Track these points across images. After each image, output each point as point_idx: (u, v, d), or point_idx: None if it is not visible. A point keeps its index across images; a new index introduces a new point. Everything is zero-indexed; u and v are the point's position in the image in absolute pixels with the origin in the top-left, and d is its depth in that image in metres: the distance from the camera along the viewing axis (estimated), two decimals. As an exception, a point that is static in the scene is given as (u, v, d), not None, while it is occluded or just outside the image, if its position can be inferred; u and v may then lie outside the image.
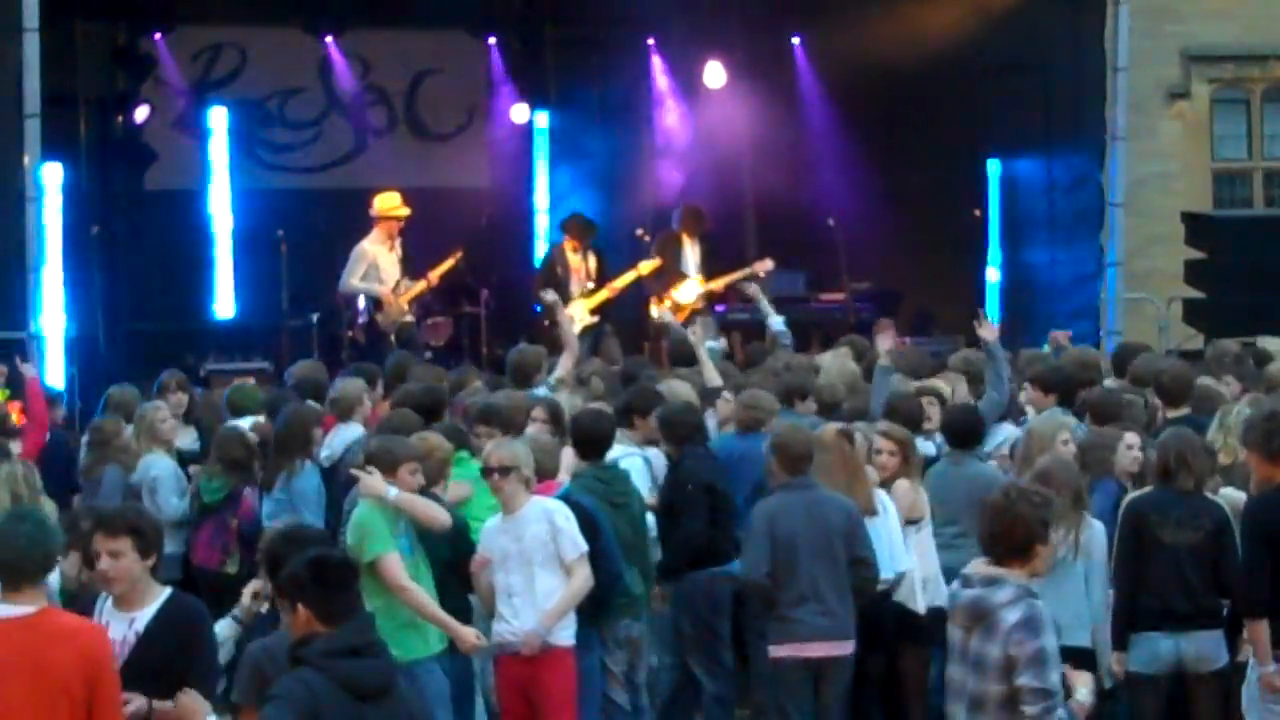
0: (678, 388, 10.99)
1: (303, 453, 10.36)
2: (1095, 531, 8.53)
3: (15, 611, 5.74)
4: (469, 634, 8.53)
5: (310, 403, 11.37)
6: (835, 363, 12.19)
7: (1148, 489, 8.73)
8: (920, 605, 9.29)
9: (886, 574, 9.10)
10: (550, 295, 14.78)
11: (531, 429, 10.02)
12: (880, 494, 9.28)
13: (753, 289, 14.91)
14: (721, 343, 15.07)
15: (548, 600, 8.55)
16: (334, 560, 5.89)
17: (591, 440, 9.49)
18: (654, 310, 16.92)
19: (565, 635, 8.64)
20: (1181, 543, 8.39)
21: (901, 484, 9.44)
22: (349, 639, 5.63)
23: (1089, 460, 9.14)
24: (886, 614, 9.25)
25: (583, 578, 8.61)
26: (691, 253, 17.07)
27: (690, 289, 16.79)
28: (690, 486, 9.72)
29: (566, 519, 8.58)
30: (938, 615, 9.26)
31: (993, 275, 18.28)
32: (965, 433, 10.03)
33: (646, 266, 16.98)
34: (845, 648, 8.88)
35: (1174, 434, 8.83)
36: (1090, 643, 8.44)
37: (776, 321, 13.90)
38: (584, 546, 8.58)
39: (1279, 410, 8.41)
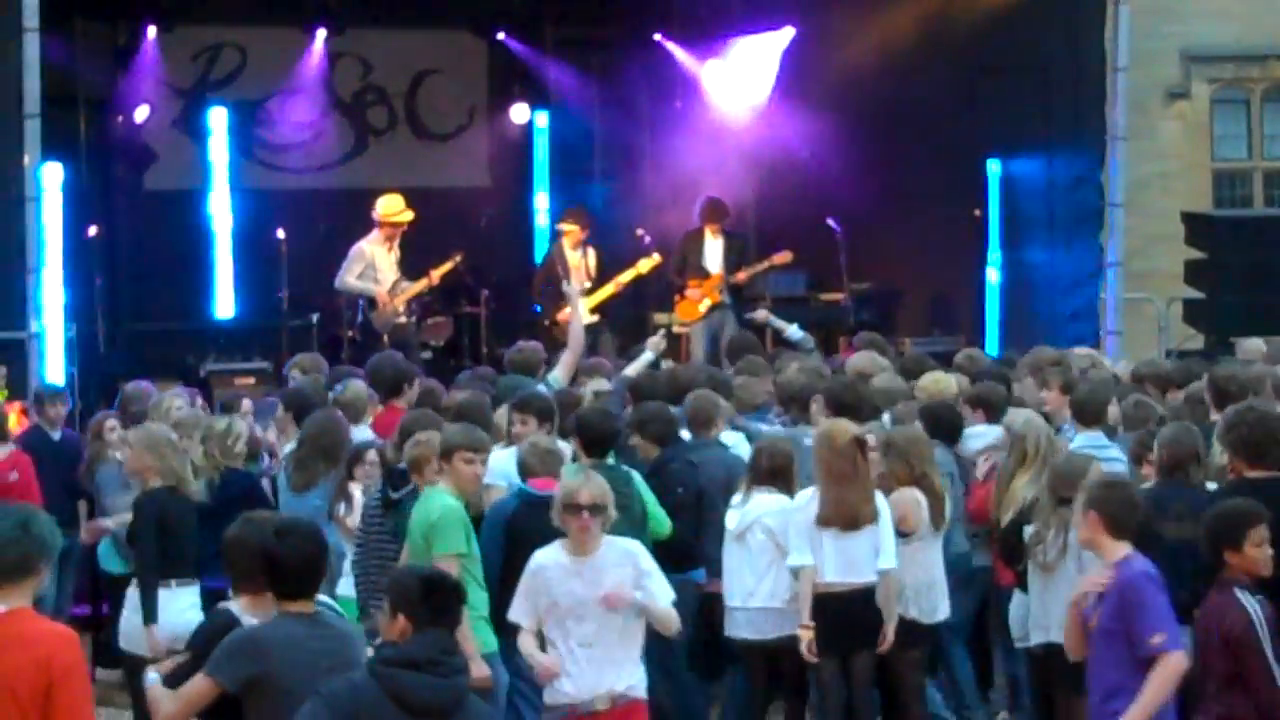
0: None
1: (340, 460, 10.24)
2: None
3: None
4: (484, 670, 8.22)
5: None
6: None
7: (1147, 485, 8.72)
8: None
9: (869, 576, 9.13)
10: (569, 287, 14.82)
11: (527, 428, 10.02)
12: (880, 498, 9.25)
13: (761, 314, 14.97)
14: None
15: (633, 649, 7.82)
16: (448, 583, 5.87)
17: (598, 438, 9.49)
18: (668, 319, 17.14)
19: (640, 688, 7.88)
20: (1181, 537, 8.40)
21: (903, 493, 9.39)
22: (413, 652, 5.59)
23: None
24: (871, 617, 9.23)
25: (677, 625, 7.99)
26: (713, 247, 17.04)
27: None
28: (681, 490, 9.80)
29: (649, 559, 7.91)
30: (914, 623, 9.36)
31: (993, 275, 18.26)
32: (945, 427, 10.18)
33: (646, 264, 16.98)
34: None
35: (1174, 428, 8.85)
36: None
37: (794, 331, 13.97)
38: (672, 593, 7.94)
39: (1250, 409, 8.48)
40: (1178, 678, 7.00)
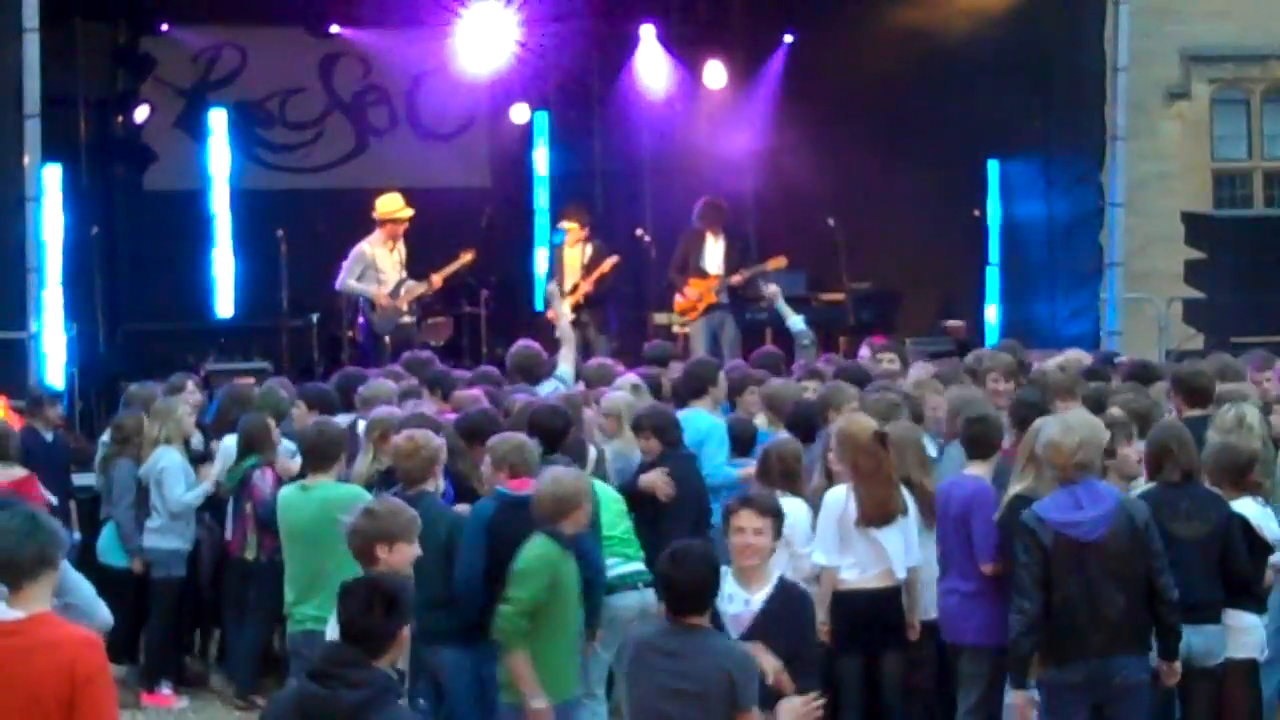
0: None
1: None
2: None
3: (5, 616, 5.60)
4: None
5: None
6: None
7: (1151, 485, 8.71)
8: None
9: (899, 574, 9.14)
10: (550, 286, 14.85)
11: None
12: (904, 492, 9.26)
13: (771, 290, 14.89)
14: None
15: None
16: (357, 595, 5.90)
17: (552, 434, 9.51)
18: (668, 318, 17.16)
19: None
20: (1190, 536, 8.40)
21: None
22: (316, 663, 5.71)
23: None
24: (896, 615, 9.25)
25: None
26: (714, 248, 17.01)
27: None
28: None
29: None
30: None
31: (992, 276, 18.26)
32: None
33: (607, 264, 16.81)
34: None
35: (1171, 429, 8.83)
36: None
37: (796, 322, 13.90)
38: None
39: None
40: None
